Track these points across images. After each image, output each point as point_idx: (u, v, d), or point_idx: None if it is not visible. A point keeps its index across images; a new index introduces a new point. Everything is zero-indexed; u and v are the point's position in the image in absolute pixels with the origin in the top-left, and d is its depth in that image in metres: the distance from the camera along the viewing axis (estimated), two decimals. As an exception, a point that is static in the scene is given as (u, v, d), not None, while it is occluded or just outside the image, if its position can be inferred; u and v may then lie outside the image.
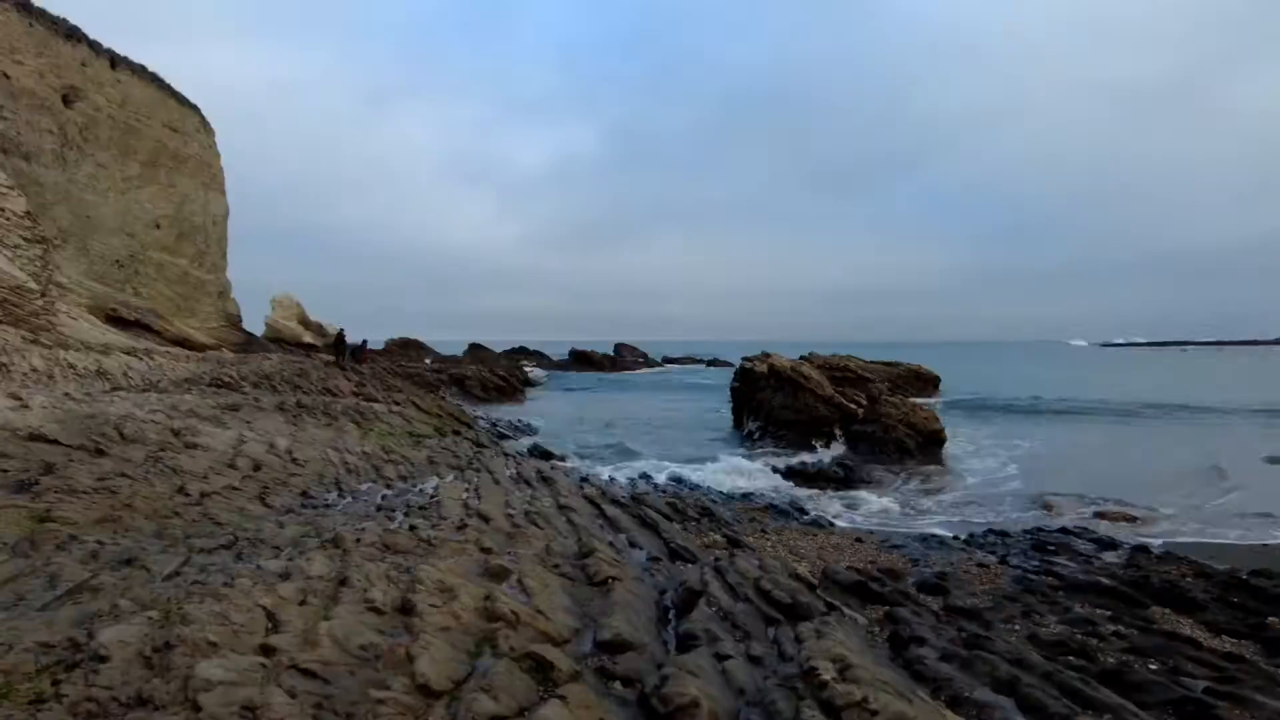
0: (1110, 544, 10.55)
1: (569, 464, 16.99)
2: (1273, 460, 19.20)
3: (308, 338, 52.07)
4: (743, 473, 18.25)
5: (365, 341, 32.49)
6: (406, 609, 3.95)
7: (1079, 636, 6.45)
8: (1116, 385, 49.61)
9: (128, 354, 18.53)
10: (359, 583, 4.20)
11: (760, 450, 21.62)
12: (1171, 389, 44.53)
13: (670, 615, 5.02)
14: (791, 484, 16.45)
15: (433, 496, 7.95)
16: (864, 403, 23.57)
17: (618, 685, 3.61)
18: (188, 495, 6.75)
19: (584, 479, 12.59)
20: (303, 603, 3.88)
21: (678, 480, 15.91)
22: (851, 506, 14.11)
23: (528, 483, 10.01)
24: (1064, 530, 11.53)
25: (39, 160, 28.92)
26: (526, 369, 55.84)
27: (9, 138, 27.49)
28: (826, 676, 3.43)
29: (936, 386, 43.28)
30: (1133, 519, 12.46)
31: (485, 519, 6.87)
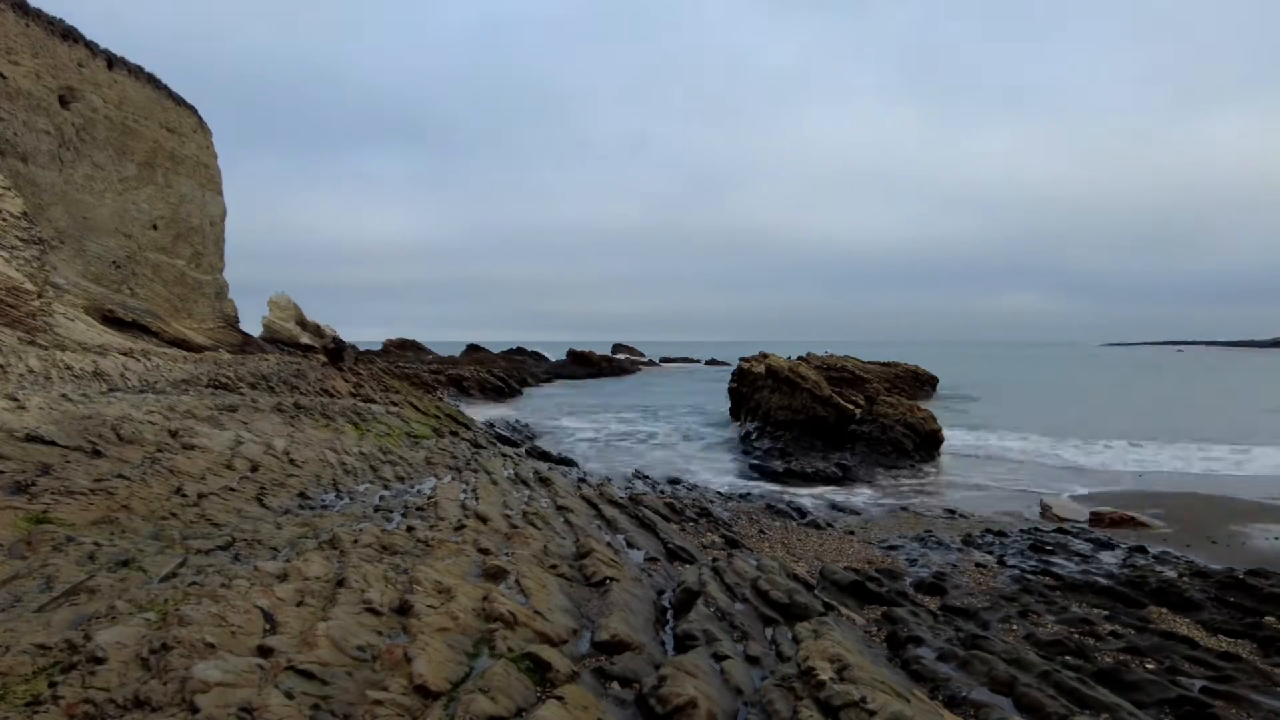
0: (1107, 544, 10.57)
1: (567, 464, 16.99)
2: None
3: (305, 338, 52.02)
4: (740, 473, 18.27)
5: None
6: (404, 610, 3.95)
7: (1076, 636, 6.47)
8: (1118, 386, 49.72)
9: (125, 355, 18.48)
10: (356, 584, 4.19)
11: (758, 450, 21.63)
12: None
13: (668, 615, 5.02)
14: (789, 484, 16.48)
15: (430, 497, 7.94)
16: (861, 403, 23.61)
17: (616, 686, 3.61)
18: (185, 496, 6.74)
19: (581, 479, 12.59)
20: (300, 604, 3.88)
21: (675, 480, 15.91)
22: (849, 506, 14.12)
23: (525, 483, 10.00)
24: (1061, 530, 11.56)
25: (35, 161, 28.84)
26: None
27: (5, 139, 27.41)
28: (824, 676, 3.43)
29: (934, 387, 43.35)
30: (1130, 519, 12.49)
31: (483, 520, 6.86)
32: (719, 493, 14.71)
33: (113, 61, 34.00)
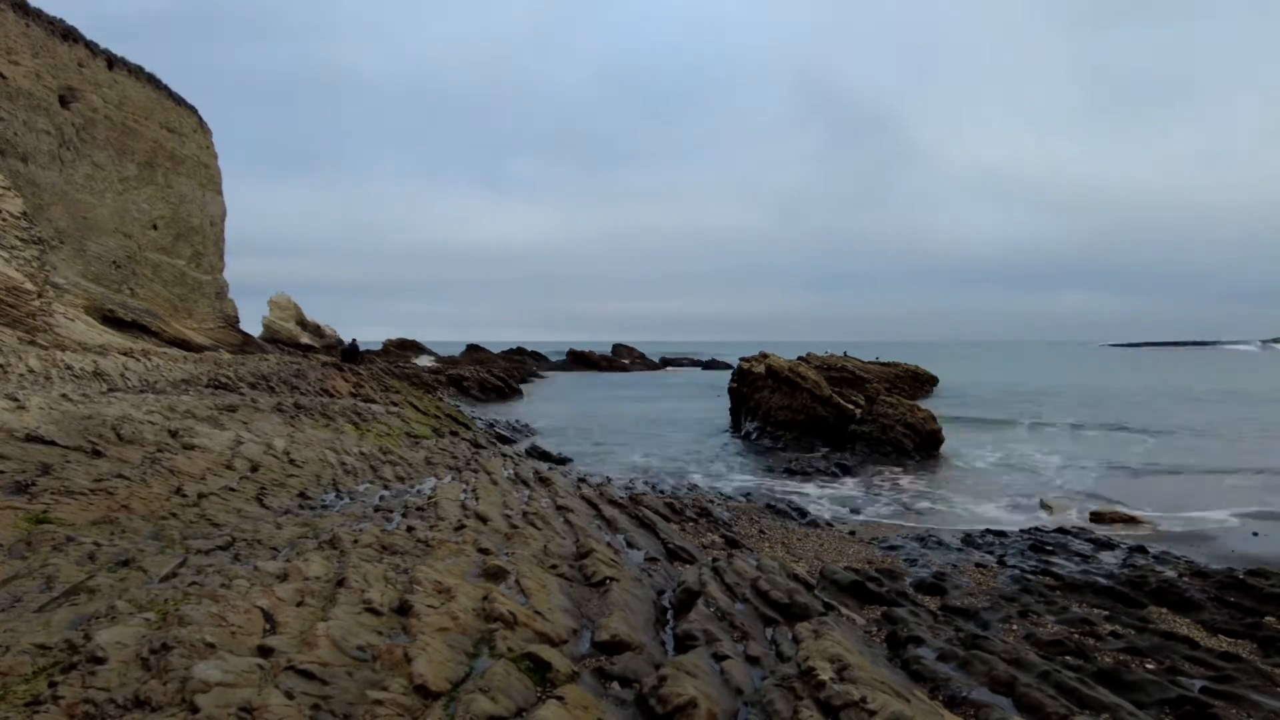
0: (1107, 544, 10.57)
1: (567, 464, 16.99)
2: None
3: (305, 338, 52.00)
4: (740, 473, 18.27)
5: (355, 341, 32.49)
6: (404, 610, 3.95)
7: (1076, 636, 6.47)
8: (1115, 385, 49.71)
9: (125, 355, 18.48)
10: (356, 584, 4.19)
11: (758, 450, 21.64)
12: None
13: (668, 615, 5.02)
14: (789, 484, 16.48)
15: (430, 497, 7.94)
16: (862, 403, 23.61)
17: (616, 686, 3.61)
18: (185, 496, 6.73)
19: (581, 479, 12.58)
20: (300, 604, 3.88)
21: (675, 480, 15.91)
22: (849, 506, 14.12)
23: (525, 483, 10.00)
24: (1061, 530, 11.55)
25: (36, 161, 28.84)
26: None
27: (6, 139, 27.41)
28: (824, 676, 3.43)
29: (934, 387, 43.36)
30: (1130, 519, 12.49)
31: (483, 520, 6.86)
32: (719, 492, 14.71)
33: (113, 61, 34.00)
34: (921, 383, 42.08)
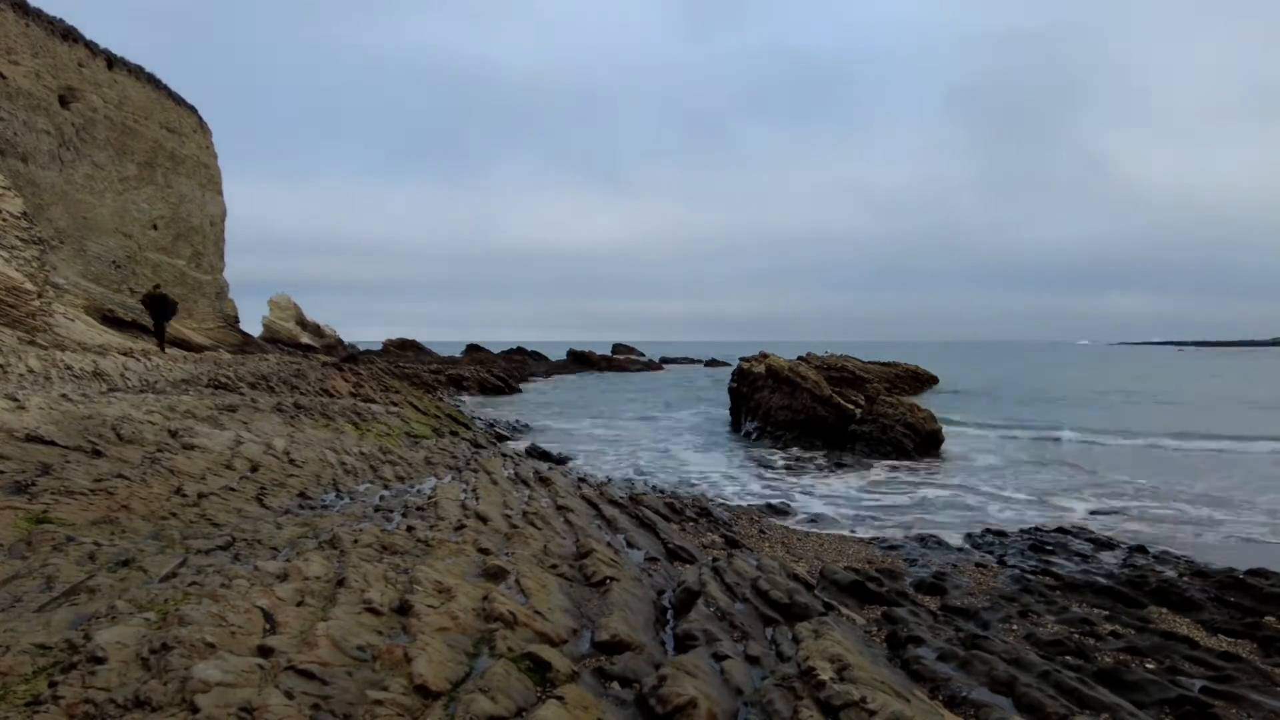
0: (1107, 544, 10.57)
1: (567, 464, 17.00)
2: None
3: (305, 338, 51.98)
4: (741, 473, 18.27)
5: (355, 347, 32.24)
6: (404, 610, 3.95)
7: (1076, 636, 6.47)
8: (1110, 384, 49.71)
9: (125, 355, 18.48)
10: (356, 583, 4.19)
11: (758, 450, 21.63)
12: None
13: (668, 615, 5.02)
14: (789, 484, 16.47)
15: (430, 497, 7.94)
16: (862, 403, 23.60)
17: (616, 685, 3.61)
18: (185, 496, 6.73)
19: (582, 479, 12.58)
20: (300, 603, 3.88)
21: (675, 480, 15.91)
22: (849, 507, 14.11)
23: (525, 483, 10.00)
24: (1061, 530, 11.55)
25: (36, 161, 28.84)
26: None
27: (5, 139, 27.41)
28: (824, 676, 3.43)
29: (934, 386, 43.36)
30: (1130, 519, 12.48)
31: (483, 519, 6.86)
32: (719, 492, 14.71)
33: (113, 61, 34.00)
34: (921, 382, 42.07)
